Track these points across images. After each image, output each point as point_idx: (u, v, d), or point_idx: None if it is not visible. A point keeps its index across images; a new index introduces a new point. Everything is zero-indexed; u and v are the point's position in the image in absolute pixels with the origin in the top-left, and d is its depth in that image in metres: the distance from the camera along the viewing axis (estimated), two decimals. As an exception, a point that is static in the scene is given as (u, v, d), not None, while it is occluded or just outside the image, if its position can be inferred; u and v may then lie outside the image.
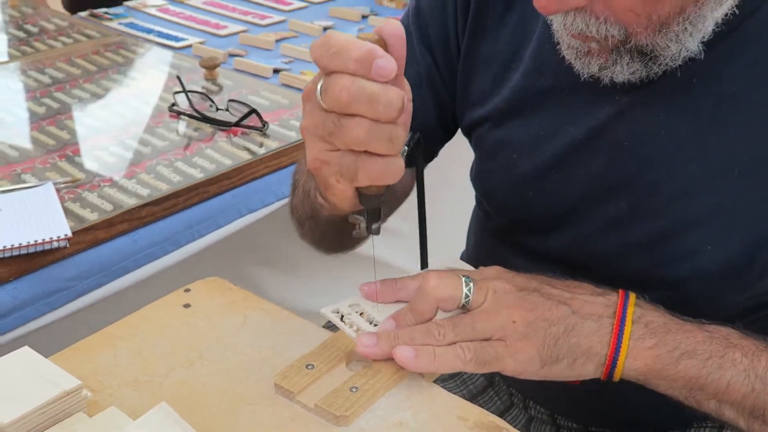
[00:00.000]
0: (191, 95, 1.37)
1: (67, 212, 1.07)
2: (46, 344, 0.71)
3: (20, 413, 0.59)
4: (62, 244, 1.01)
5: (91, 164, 1.21)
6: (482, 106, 0.84)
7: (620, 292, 0.71)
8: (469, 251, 1.03)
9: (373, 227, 0.66)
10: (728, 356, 0.67)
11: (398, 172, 0.60)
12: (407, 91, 0.62)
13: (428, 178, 0.82)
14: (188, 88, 1.38)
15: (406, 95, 0.59)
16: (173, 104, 1.39)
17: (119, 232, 1.08)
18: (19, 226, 1.02)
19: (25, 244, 0.99)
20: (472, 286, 0.70)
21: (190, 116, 1.36)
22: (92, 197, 1.12)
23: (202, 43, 1.75)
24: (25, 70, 1.56)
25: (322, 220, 0.77)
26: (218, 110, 1.35)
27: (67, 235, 1.01)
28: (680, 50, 0.68)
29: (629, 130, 0.75)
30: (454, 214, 1.14)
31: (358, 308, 0.74)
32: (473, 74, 0.85)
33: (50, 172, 1.18)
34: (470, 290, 0.70)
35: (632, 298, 0.70)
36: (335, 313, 0.73)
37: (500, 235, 0.91)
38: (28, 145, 1.27)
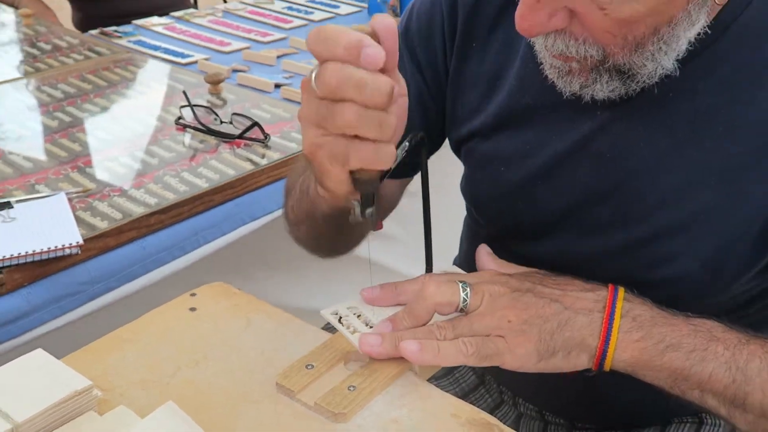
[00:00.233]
0: (196, 109, 1.37)
1: (78, 221, 1.07)
2: (58, 346, 0.71)
3: (34, 412, 0.59)
4: (74, 250, 1.01)
5: (101, 175, 1.21)
6: (470, 121, 0.85)
7: (609, 287, 0.71)
8: (461, 257, 1.03)
9: (366, 212, 0.65)
10: (711, 349, 0.67)
11: (389, 157, 0.60)
12: (401, 84, 0.62)
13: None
14: (194, 102, 1.38)
15: (397, 86, 0.59)
16: (179, 117, 1.39)
17: (128, 239, 1.08)
18: (32, 233, 1.02)
19: (38, 251, 0.99)
20: (469, 290, 0.70)
21: (195, 129, 1.36)
22: (102, 206, 1.12)
23: (206, 59, 1.75)
24: (38, 85, 1.56)
25: (319, 217, 0.77)
26: (222, 123, 1.35)
27: (78, 242, 1.01)
28: (656, 68, 0.68)
29: (610, 143, 0.75)
30: (447, 221, 1.14)
31: (355, 310, 0.74)
32: (461, 92, 0.85)
33: (63, 182, 1.18)
34: (467, 294, 0.70)
35: (621, 292, 0.70)
36: (334, 314, 0.73)
37: (490, 241, 0.91)
38: (41, 156, 1.27)
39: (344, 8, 2.17)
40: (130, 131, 1.37)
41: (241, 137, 1.32)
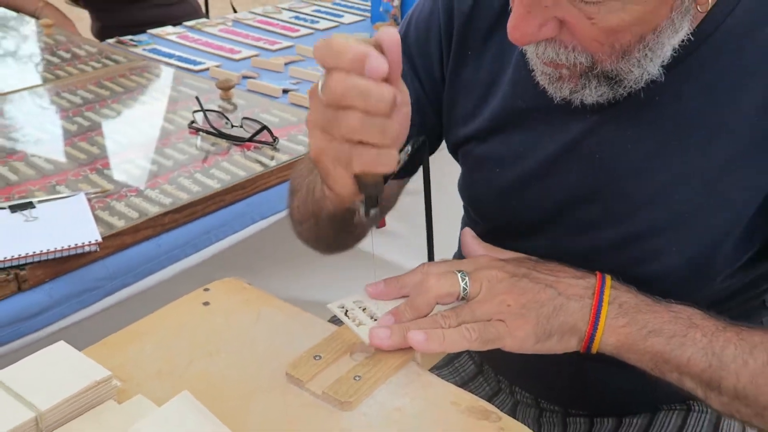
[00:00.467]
0: (209, 114, 1.37)
1: (97, 220, 1.07)
2: (79, 339, 0.71)
3: (57, 400, 0.59)
4: (93, 248, 1.01)
5: (118, 176, 1.21)
6: (466, 126, 0.85)
7: (597, 275, 0.72)
8: (459, 253, 1.03)
9: (370, 212, 0.65)
10: (690, 335, 0.68)
11: (391, 162, 0.60)
12: (404, 92, 0.62)
13: (422, 189, 0.82)
14: (206, 107, 1.38)
15: (400, 94, 0.59)
16: (192, 122, 1.39)
17: (144, 237, 1.09)
18: (54, 232, 1.02)
19: (59, 248, 0.99)
20: (467, 279, 0.71)
21: (207, 132, 1.36)
22: (120, 206, 1.12)
23: (218, 66, 1.75)
24: (59, 92, 1.56)
25: (323, 216, 0.77)
26: (233, 127, 1.35)
27: (97, 240, 1.01)
28: (642, 74, 0.68)
29: (600, 145, 0.75)
30: (446, 220, 1.14)
31: (361, 304, 0.74)
32: (457, 98, 0.86)
33: (82, 183, 1.18)
34: (467, 284, 0.71)
35: (608, 281, 0.71)
36: (340, 308, 0.74)
37: (486, 238, 0.91)
38: (62, 159, 1.27)
39: (348, 17, 2.17)
40: (145, 135, 1.37)
41: (250, 140, 1.32)
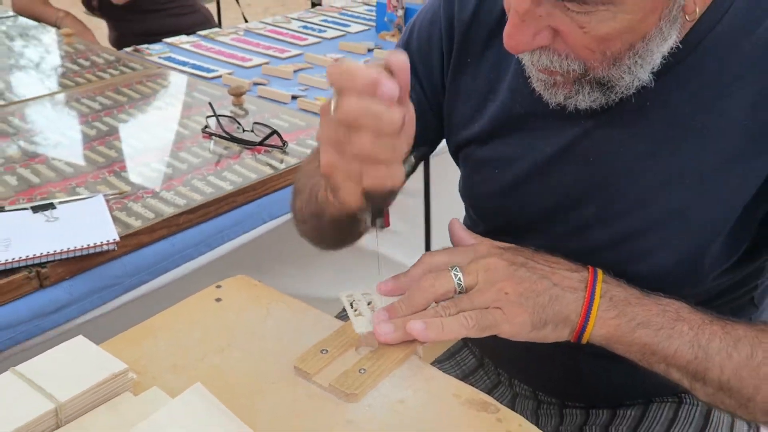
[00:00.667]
0: (221, 119, 1.37)
1: (115, 220, 1.07)
2: (97, 333, 0.71)
3: (76, 392, 0.59)
4: (111, 247, 1.01)
5: (135, 178, 1.21)
6: (466, 130, 0.85)
7: (590, 269, 0.72)
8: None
9: (377, 222, 0.66)
10: (677, 328, 0.68)
11: (399, 177, 0.61)
12: (411, 110, 0.62)
13: (424, 190, 0.82)
14: (218, 112, 1.39)
15: (408, 113, 0.60)
16: (206, 126, 1.39)
17: (160, 236, 1.09)
18: (74, 232, 1.02)
19: (79, 247, 0.99)
20: (461, 275, 0.70)
21: (220, 137, 1.36)
22: (137, 207, 1.12)
23: (230, 73, 1.76)
24: (78, 98, 1.56)
25: (326, 218, 0.77)
26: (244, 131, 1.35)
27: (115, 239, 1.02)
28: (633, 80, 0.68)
29: (593, 148, 0.75)
30: (448, 220, 1.14)
31: (369, 297, 0.74)
32: (457, 104, 0.86)
33: (101, 185, 1.19)
34: (461, 279, 0.70)
35: (600, 275, 0.71)
36: (348, 297, 0.74)
37: (485, 237, 0.91)
38: (81, 162, 1.27)
39: (354, 27, 2.17)
40: (161, 139, 1.37)
41: (261, 144, 1.32)
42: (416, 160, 0.73)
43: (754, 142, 0.68)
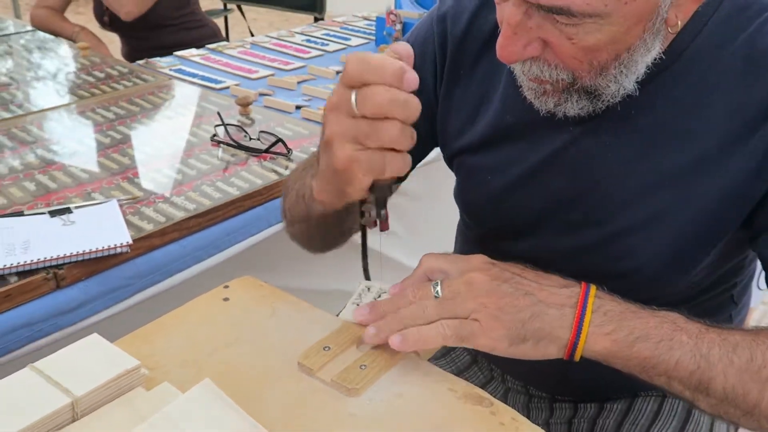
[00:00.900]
0: (229, 128, 1.37)
1: (128, 224, 1.07)
2: (111, 331, 0.71)
3: (91, 387, 0.59)
4: (124, 249, 1.01)
5: (147, 184, 1.21)
6: (459, 139, 0.85)
7: (582, 284, 0.68)
8: (456, 254, 1.03)
9: (381, 213, 0.65)
10: (676, 339, 0.65)
11: (410, 165, 0.61)
12: None
13: (423, 195, 0.82)
14: (226, 121, 1.39)
15: None
16: (214, 135, 1.39)
17: (171, 239, 1.09)
18: (89, 235, 1.03)
19: (94, 249, 0.99)
20: (439, 289, 0.68)
21: (228, 144, 1.36)
22: (148, 211, 1.12)
23: (237, 85, 1.76)
24: (93, 108, 1.56)
25: (313, 219, 0.76)
26: (251, 140, 1.36)
27: (128, 242, 1.02)
28: (618, 89, 0.68)
29: (581, 153, 0.75)
30: (442, 224, 1.14)
31: (382, 293, 0.74)
32: (450, 114, 0.85)
33: (114, 190, 1.19)
34: (438, 293, 0.68)
35: (593, 290, 0.68)
36: (365, 287, 0.74)
37: (479, 240, 0.91)
38: (96, 169, 1.27)
39: (354, 40, 2.17)
40: (171, 147, 1.37)
41: (267, 152, 1.32)
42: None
43: (728, 145, 0.69)
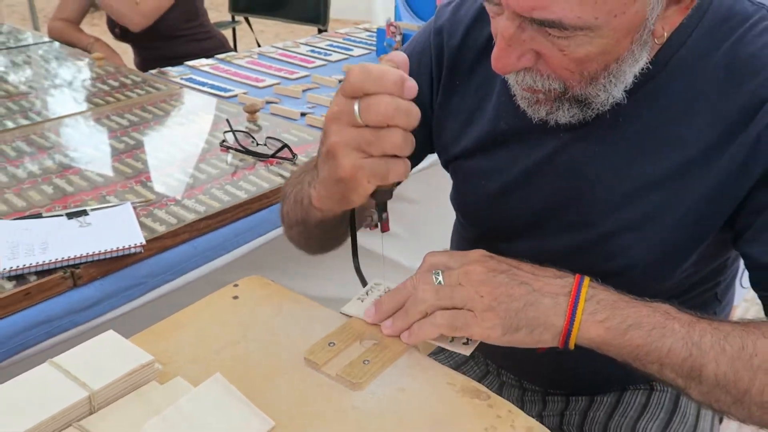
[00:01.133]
0: (237, 134, 1.37)
1: (141, 225, 1.07)
2: (126, 328, 0.71)
3: (107, 381, 0.59)
4: (138, 250, 1.01)
5: (159, 188, 1.21)
6: (455, 145, 0.85)
7: (576, 275, 0.68)
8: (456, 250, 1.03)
9: (383, 216, 0.66)
10: (668, 327, 0.64)
11: (410, 169, 0.61)
12: None
13: (421, 198, 0.82)
14: (235, 128, 1.39)
15: None
16: (223, 141, 1.39)
17: (182, 240, 1.09)
18: (104, 236, 1.03)
19: (109, 250, 0.99)
20: (441, 278, 0.68)
21: (236, 150, 1.36)
22: (161, 213, 1.12)
23: (245, 93, 1.76)
24: (108, 115, 1.56)
25: (311, 223, 0.76)
26: (258, 145, 1.35)
27: (141, 243, 1.02)
28: (608, 97, 0.68)
29: (572, 159, 0.75)
30: (439, 225, 1.14)
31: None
32: (446, 122, 0.85)
33: (128, 194, 1.19)
34: (440, 282, 0.68)
35: (586, 280, 0.67)
36: (375, 285, 0.74)
37: (474, 241, 0.91)
38: (111, 173, 1.27)
39: (356, 51, 2.17)
40: (183, 152, 1.37)
41: (273, 157, 1.32)
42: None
43: (712, 150, 0.69)
